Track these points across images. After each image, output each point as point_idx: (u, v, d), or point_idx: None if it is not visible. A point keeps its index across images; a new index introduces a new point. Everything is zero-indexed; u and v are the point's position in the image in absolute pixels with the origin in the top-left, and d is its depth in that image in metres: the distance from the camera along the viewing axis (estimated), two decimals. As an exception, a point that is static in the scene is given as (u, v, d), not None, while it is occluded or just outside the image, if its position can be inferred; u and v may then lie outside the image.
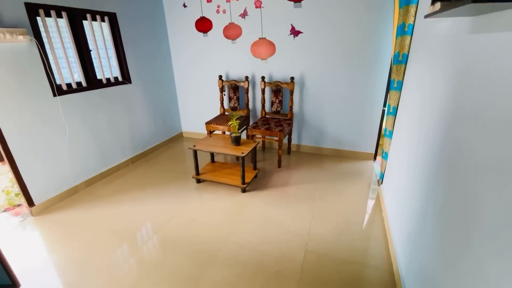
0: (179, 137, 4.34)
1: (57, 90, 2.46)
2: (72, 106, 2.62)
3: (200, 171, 2.93)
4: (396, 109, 2.29)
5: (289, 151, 3.60)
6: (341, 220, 2.23)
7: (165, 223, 2.24)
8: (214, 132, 3.56)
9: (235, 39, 3.47)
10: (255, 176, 2.91)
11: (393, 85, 2.26)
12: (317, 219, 2.25)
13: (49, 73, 2.36)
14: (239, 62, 3.56)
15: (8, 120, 2.14)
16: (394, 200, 2.00)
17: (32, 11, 2.23)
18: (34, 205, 2.39)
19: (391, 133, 2.37)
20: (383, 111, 3.09)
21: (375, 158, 3.35)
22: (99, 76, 2.89)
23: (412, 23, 2.00)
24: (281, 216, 2.31)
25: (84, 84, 2.73)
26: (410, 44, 2.07)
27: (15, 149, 2.22)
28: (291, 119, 3.34)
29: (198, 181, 2.88)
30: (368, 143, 3.32)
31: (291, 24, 3.11)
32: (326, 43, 3.06)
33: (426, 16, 1.00)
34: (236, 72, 3.63)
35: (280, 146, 3.08)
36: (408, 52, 2.09)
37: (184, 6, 3.53)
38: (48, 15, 2.37)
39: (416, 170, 1.54)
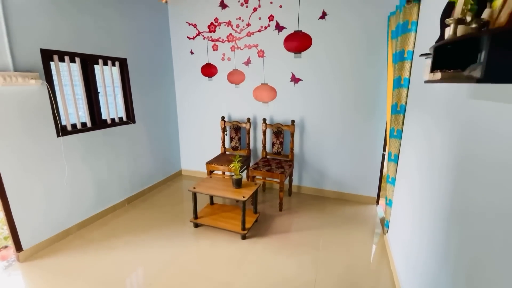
0: (177, 175, 4.29)
1: (61, 131, 2.48)
2: (74, 146, 2.62)
3: (198, 214, 2.83)
4: (397, 156, 2.31)
5: (290, 192, 3.55)
6: (348, 272, 2.11)
7: (159, 274, 2.10)
8: (214, 172, 3.53)
9: (239, 84, 3.63)
10: (256, 221, 2.81)
11: (393, 133, 2.31)
12: (322, 272, 2.12)
13: (56, 114, 2.40)
14: (242, 105, 3.67)
15: (7, 160, 2.12)
16: (404, 254, 1.90)
17: (47, 56, 2.34)
18: (22, 250, 2.26)
19: (394, 180, 2.36)
20: (383, 155, 3.12)
21: (377, 202, 3.29)
22: (104, 116, 2.94)
23: (407, 77, 2.12)
24: (283, 267, 2.18)
25: (89, 124, 2.77)
26: (407, 96, 2.16)
27: (11, 190, 2.16)
28: (292, 160, 3.35)
29: (196, 225, 2.77)
30: (369, 186, 3.29)
31: (292, 72, 3.28)
32: (324, 91, 3.20)
33: (426, 82, 1.06)
34: (238, 114, 3.72)
35: (282, 189, 3.03)
36: (406, 103, 2.18)
37: (192, 53, 3.75)
38: (61, 59, 2.49)
39: (428, 227, 1.50)
